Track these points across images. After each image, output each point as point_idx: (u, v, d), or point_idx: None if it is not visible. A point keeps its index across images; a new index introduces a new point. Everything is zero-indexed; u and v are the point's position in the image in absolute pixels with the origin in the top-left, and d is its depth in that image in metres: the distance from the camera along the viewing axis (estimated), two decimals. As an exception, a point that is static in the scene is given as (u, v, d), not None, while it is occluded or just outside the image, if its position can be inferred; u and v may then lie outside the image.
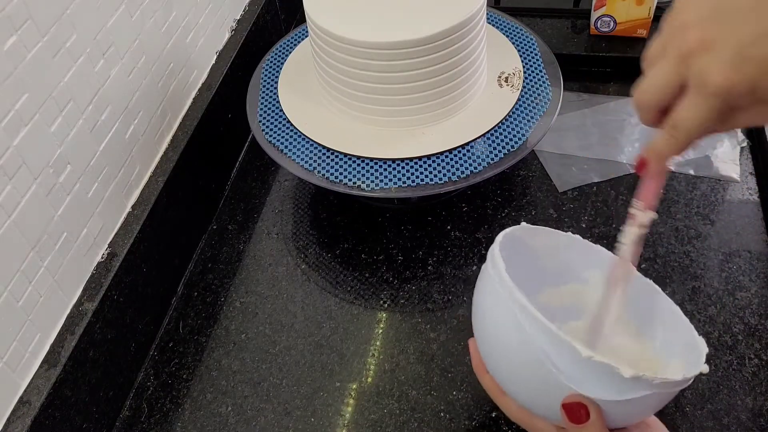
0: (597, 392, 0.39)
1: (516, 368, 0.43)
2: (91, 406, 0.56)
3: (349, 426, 0.57)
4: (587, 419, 0.40)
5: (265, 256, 0.71)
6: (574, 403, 0.40)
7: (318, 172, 0.64)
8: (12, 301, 0.49)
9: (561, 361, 0.39)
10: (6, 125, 0.47)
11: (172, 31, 0.69)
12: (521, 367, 0.42)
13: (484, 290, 0.45)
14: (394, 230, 0.71)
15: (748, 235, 0.67)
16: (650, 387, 0.39)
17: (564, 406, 0.40)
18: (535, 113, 0.67)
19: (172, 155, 0.68)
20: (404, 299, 0.65)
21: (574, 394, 0.40)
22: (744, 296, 0.62)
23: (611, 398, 0.39)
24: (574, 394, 0.40)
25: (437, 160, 0.64)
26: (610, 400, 0.39)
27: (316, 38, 0.64)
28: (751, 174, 0.72)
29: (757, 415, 0.55)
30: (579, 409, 0.40)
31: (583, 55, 0.85)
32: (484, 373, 0.48)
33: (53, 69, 0.52)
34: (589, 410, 0.40)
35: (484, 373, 0.48)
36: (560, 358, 0.39)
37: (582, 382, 0.39)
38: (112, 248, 0.60)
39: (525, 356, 0.41)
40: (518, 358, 0.42)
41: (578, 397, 0.40)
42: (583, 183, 0.73)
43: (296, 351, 0.62)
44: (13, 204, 0.48)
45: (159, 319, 0.66)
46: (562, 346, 0.39)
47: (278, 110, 0.70)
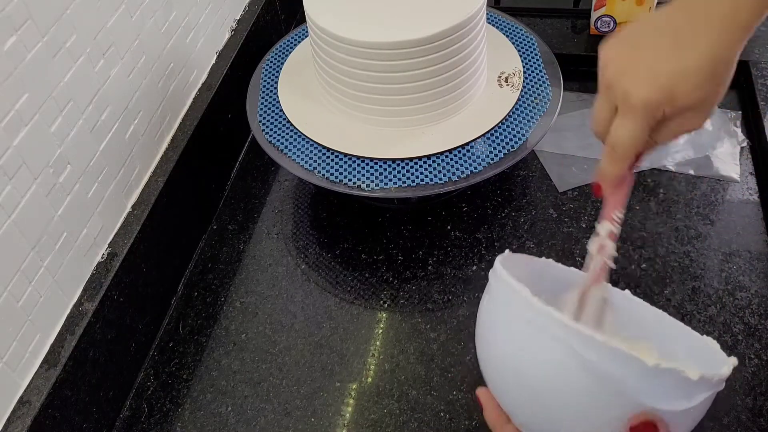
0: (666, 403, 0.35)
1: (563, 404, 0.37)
2: (91, 406, 0.56)
3: (349, 426, 0.57)
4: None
5: (265, 256, 0.71)
6: (643, 422, 0.36)
7: (318, 172, 0.64)
8: (12, 301, 0.49)
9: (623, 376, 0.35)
10: (6, 125, 0.47)
11: (172, 31, 0.69)
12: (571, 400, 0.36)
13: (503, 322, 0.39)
14: (394, 230, 0.71)
15: (748, 235, 0.67)
16: (711, 386, 0.36)
17: (632, 429, 0.36)
18: (535, 113, 0.67)
19: (172, 155, 0.68)
20: (404, 299, 0.65)
21: (641, 413, 0.36)
22: (744, 296, 0.62)
23: (682, 407, 0.36)
24: (641, 413, 0.36)
25: (437, 160, 0.64)
26: (679, 410, 0.36)
27: (316, 38, 0.64)
28: (751, 174, 0.72)
29: (757, 415, 0.55)
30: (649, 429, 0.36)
31: (583, 55, 0.85)
32: (506, 422, 0.42)
33: (53, 69, 0.52)
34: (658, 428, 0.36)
35: (506, 423, 0.41)
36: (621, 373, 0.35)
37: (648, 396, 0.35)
38: (112, 248, 0.60)
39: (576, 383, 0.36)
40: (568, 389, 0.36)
41: (646, 415, 0.36)
42: (583, 183, 0.73)
43: (296, 351, 0.62)
44: (13, 204, 0.48)
45: (159, 319, 0.66)
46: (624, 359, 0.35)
47: (278, 110, 0.70)
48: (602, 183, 0.44)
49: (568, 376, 0.36)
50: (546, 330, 0.36)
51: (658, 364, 0.34)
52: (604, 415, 0.36)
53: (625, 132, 0.41)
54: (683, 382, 0.35)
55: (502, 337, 0.39)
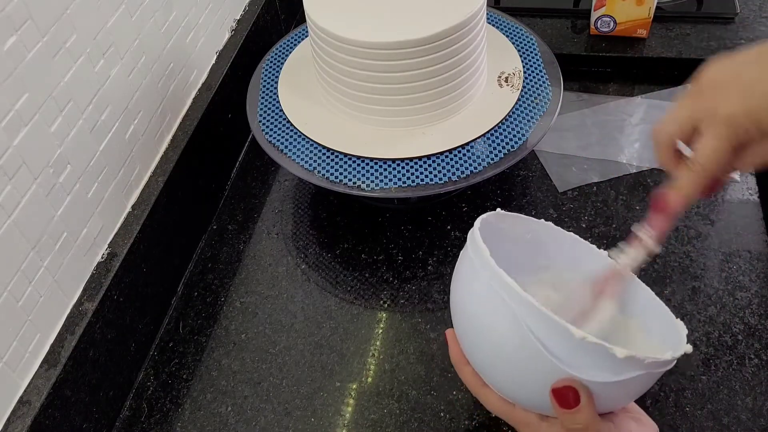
0: (589, 374, 0.39)
1: (502, 355, 0.42)
2: (91, 406, 0.56)
3: (349, 426, 0.57)
4: (577, 404, 0.40)
5: (265, 256, 0.71)
6: (563, 387, 0.40)
7: (318, 172, 0.64)
8: (12, 301, 0.49)
9: (552, 343, 0.39)
10: (6, 125, 0.47)
11: (172, 31, 0.69)
12: (508, 353, 0.41)
13: (467, 276, 0.44)
14: (394, 230, 0.71)
15: (748, 235, 0.67)
16: (642, 367, 0.39)
17: (554, 391, 0.40)
18: (535, 113, 0.67)
19: (172, 155, 0.68)
20: (404, 299, 0.65)
21: (564, 379, 0.40)
22: (744, 296, 0.62)
23: (604, 380, 0.39)
24: (564, 379, 0.40)
25: (437, 160, 0.64)
26: (602, 382, 0.39)
27: (316, 38, 0.64)
28: (751, 174, 0.72)
29: (757, 415, 0.55)
30: (569, 394, 0.40)
31: (583, 55, 0.85)
32: (465, 364, 0.47)
33: (53, 69, 0.52)
34: (579, 394, 0.39)
35: (465, 365, 0.47)
36: (551, 340, 0.39)
37: (573, 365, 0.39)
38: (112, 248, 0.60)
39: (513, 341, 0.40)
40: (505, 343, 0.41)
41: (568, 381, 0.40)
42: (583, 183, 0.73)
43: (296, 351, 0.62)
44: (13, 204, 0.48)
45: (159, 319, 0.66)
46: (554, 328, 0.39)
47: (278, 110, 0.70)
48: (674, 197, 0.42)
49: (508, 335, 0.40)
50: (496, 290, 0.41)
51: (584, 337, 0.38)
52: (535, 375, 0.41)
53: (710, 145, 0.39)
54: (609, 358, 0.38)
55: (464, 289, 0.44)
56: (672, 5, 0.89)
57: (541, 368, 0.40)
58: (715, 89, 0.39)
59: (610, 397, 0.41)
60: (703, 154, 0.40)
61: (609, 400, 0.41)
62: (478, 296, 0.43)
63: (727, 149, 0.39)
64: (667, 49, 0.84)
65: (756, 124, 0.38)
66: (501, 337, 0.41)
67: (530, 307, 0.39)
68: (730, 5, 0.87)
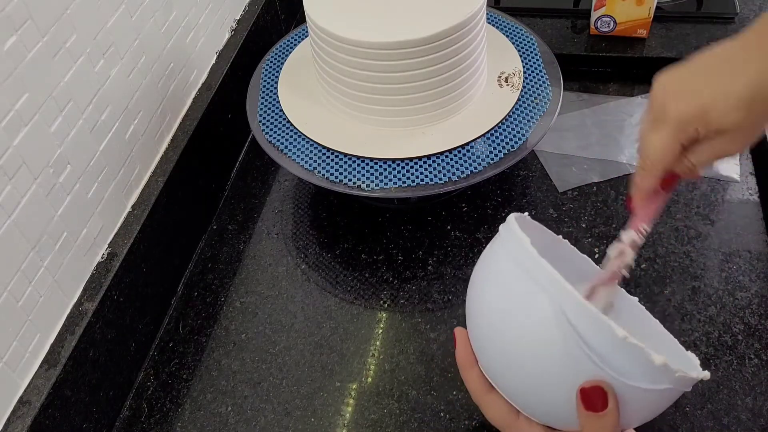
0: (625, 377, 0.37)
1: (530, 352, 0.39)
2: (91, 406, 0.56)
3: (349, 426, 0.57)
4: (604, 408, 0.38)
5: (265, 256, 0.71)
6: (592, 387, 0.38)
7: (318, 172, 0.64)
8: (12, 301, 0.49)
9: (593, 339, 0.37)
10: (6, 125, 0.47)
11: (172, 31, 0.69)
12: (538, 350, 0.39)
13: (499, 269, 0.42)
14: (394, 230, 0.71)
15: (748, 235, 0.67)
16: (672, 380, 0.38)
17: (582, 391, 0.38)
18: (535, 113, 0.67)
19: (172, 155, 0.68)
20: (404, 299, 0.65)
21: (594, 380, 0.38)
22: (744, 296, 0.62)
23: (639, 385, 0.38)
24: (593, 380, 0.38)
25: (437, 160, 0.64)
26: (636, 387, 0.38)
27: (316, 38, 0.64)
28: (751, 174, 0.72)
29: (757, 415, 0.55)
30: (598, 395, 0.38)
31: (583, 55, 0.85)
32: (472, 366, 0.45)
33: (53, 69, 0.52)
34: (608, 397, 0.38)
35: (472, 367, 0.45)
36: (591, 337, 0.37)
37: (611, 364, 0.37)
38: (112, 248, 0.60)
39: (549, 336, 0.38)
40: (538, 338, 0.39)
41: (598, 382, 0.38)
42: (583, 183, 0.73)
43: (296, 351, 0.62)
44: (13, 204, 0.48)
45: (159, 319, 0.66)
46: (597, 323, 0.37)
47: (278, 110, 0.70)
48: (633, 195, 0.45)
49: (545, 328, 0.38)
50: (538, 281, 0.39)
51: (626, 336, 0.37)
52: (563, 375, 0.39)
53: (654, 143, 0.42)
54: (645, 362, 0.37)
55: (495, 281, 0.42)
56: (672, 5, 0.89)
57: (574, 367, 0.38)
58: (666, 95, 0.42)
59: (635, 407, 0.39)
60: (651, 149, 0.42)
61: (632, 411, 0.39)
62: (509, 289, 0.41)
63: (674, 146, 0.41)
64: (667, 49, 0.84)
65: (703, 122, 0.40)
66: (534, 331, 0.39)
67: (574, 300, 0.37)
68: (730, 5, 0.87)
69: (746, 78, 0.38)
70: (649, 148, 0.43)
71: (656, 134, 0.42)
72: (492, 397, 0.44)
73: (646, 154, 0.43)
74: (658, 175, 0.43)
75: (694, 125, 0.40)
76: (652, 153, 0.43)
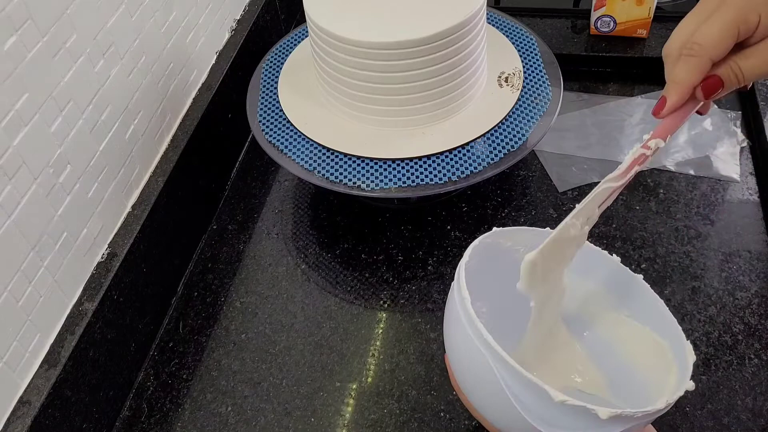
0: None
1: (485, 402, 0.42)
2: (91, 406, 0.56)
3: (349, 426, 0.57)
4: None
5: (265, 256, 0.71)
6: None
7: (318, 172, 0.64)
8: (12, 301, 0.49)
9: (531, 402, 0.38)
10: (6, 125, 0.47)
11: (172, 31, 0.69)
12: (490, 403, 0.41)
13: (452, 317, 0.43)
14: (394, 230, 0.71)
15: (748, 235, 0.67)
16: (630, 421, 0.37)
17: None
18: (535, 113, 0.67)
19: (172, 155, 0.68)
20: (404, 299, 0.65)
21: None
22: (744, 296, 0.62)
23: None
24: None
25: (437, 160, 0.64)
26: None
27: (316, 38, 0.64)
28: (751, 174, 0.72)
29: (757, 415, 0.55)
30: None
31: (583, 55, 0.85)
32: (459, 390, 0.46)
33: (53, 69, 0.52)
34: None
35: (459, 391, 0.47)
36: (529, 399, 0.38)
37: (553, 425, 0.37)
38: (112, 248, 0.60)
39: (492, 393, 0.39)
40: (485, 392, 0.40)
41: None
42: (583, 183, 0.73)
43: (296, 351, 0.62)
44: (13, 204, 0.48)
45: (159, 319, 0.66)
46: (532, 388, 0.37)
47: (278, 110, 0.70)
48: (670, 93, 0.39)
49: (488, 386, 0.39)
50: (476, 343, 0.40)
51: (564, 400, 0.36)
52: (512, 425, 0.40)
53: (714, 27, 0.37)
54: (592, 418, 0.36)
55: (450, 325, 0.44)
56: (672, 5, 0.89)
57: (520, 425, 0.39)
58: None
59: None
60: (703, 32, 0.37)
61: None
62: (460, 343, 0.42)
63: (731, 31, 0.37)
64: (667, 49, 0.84)
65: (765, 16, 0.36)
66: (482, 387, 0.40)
67: (507, 365, 0.38)
68: (730, 5, 0.87)
69: None
70: (703, 33, 0.37)
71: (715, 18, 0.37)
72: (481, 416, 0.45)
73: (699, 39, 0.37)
74: (706, 65, 0.38)
75: (757, 13, 0.36)
76: (704, 38, 0.37)
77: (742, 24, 0.36)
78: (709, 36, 0.37)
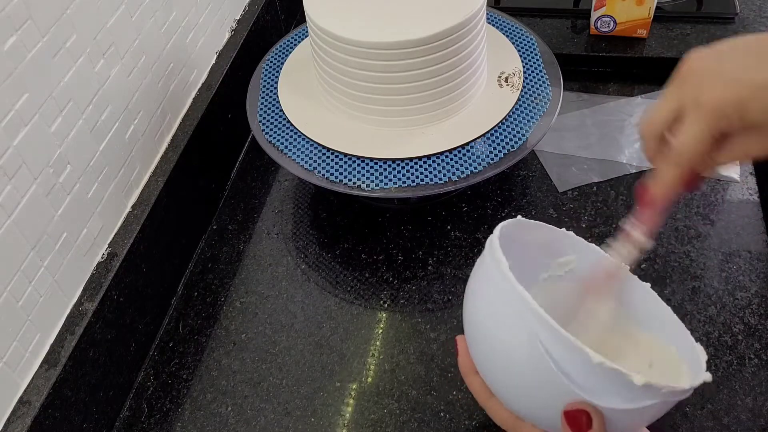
0: (603, 400, 0.38)
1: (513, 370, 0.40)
2: (91, 406, 0.56)
3: (349, 426, 0.57)
4: (589, 429, 0.38)
5: (265, 256, 0.71)
6: (576, 410, 0.38)
7: (318, 172, 0.64)
8: (12, 301, 0.49)
9: (567, 365, 0.38)
10: (6, 125, 0.47)
11: (172, 31, 0.69)
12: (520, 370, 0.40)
13: (483, 285, 0.43)
14: (394, 230, 0.71)
15: (748, 235, 0.67)
16: (658, 396, 0.38)
17: (566, 413, 0.38)
18: (535, 113, 0.67)
19: (172, 155, 0.68)
20: (404, 299, 0.65)
21: (578, 401, 0.38)
22: (744, 296, 0.62)
23: (618, 407, 0.38)
24: (577, 402, 0.38)
25: (437, 160, 0.64)
26: (616, 409, 0.38)
27: (316, 38, 0.64)
28: (751, 174, 0.72)
29: (757, 415, 0.55)
30: (581, 417, 0.38)
31: (583, 55, 0.85)
32: (473, 373, 0.45)
33: (53, 69, 0.52)
34: (592, 419, 0.38)
35: (473, 374, 0.45)
36: (567, 362, 0.37)
37: (588, 389, 0.38)
38: (112, 248, 0.60)
39: (526, 358, 0.39)
40: (518, 359, 0.40)
41: (582, 404, 0.38)
42: (583, 183, 0.73)
43: (296, 351, 0.62)
44: (13, 204, 0.48)
45: (159, 319, 0.66)
46: (572, 350, 0.37)
47: (278, 110, 0.70)
48: (654, 189, 0.42)
49: (522, 351, 0.39)
50: (512, 305, 0.39)
51: (602, 362, 0.36)
52: (546, 395, 0.39)
53: (691, 134, 0.38)
54: (626, 384, 0.37)
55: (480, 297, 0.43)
56: (672, 5, 0.89)
57: (554, 389, 0.38)
58: (698, 77, 0.38)
59: (623, 424, 0.39)
60: (682, 141, 0.39)
61: (622, 425, 0.39)
62: (493, 308, 0.41)
63: (707, 138, 0.38)
64: (667, 49, 0.84)
65: (740, 114, 0.37)
66: (514, 352, 0.40)
67: (547, 325, 0.37)
68: (730, 5, 0.87)
69: None
70: (682, 138, 0.39)
71: (690, 123, 0.38)
72: (495, 401, 0.44)
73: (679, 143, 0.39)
74: (686, 167, 0.40)
75: (730, 116, 0.37)
76: (683, 146, 0.39)
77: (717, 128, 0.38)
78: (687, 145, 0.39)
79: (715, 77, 0.37)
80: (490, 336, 0.42)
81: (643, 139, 0.42)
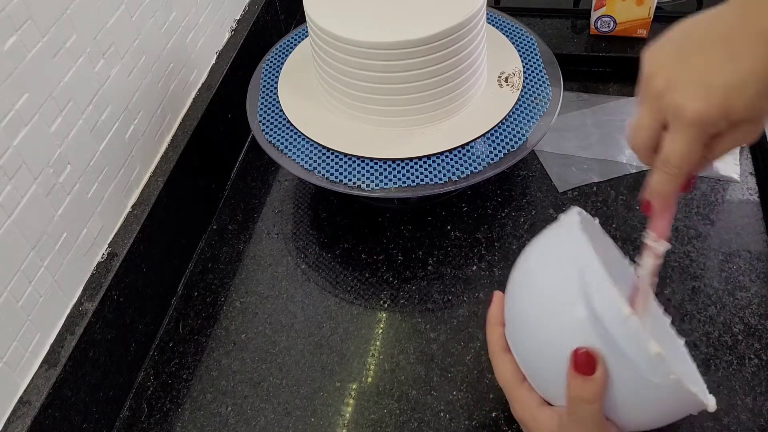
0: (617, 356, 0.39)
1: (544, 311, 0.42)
2: (91, 406, 0.56)
3: (349, 426, 0.57)
4: (591, 374, 0.39)
5: (265, 256, 0.71)
6: (586, 352, 0.39)
7: (318, 172, 0.64)
8: (12, 301, 0.49)
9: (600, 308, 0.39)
10: (6, 125, 0.47)
11: (172, 31, 0.69)
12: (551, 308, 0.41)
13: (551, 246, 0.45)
14: (394, 230, 0.71)
15: (748, 235, 0.67)
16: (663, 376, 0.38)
17: (575, 352, 0.40)
18: (535, 113, 0.67)
19: (172, 155, 0.68)
20: (404, 299, 0.65)
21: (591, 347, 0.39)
22: (744, 296, 0.62)
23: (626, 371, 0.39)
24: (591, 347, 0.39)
25: (437, 160, 0.64)
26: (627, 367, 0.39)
27: (316, 38, 0.64)
28: (751, 174, 0.72)
29: (757, 415, 0.55)
30: (589, 360, 0.39)
31: (583, 55, 0.85)
32: (498, 325, 0.47)
33: (53, 69, 0.52)
34: (597, 365, 0.39)
35: (498, 326, 0.47)
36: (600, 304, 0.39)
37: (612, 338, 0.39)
38: (112, 248, 0.60)
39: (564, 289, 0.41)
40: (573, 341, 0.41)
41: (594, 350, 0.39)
42: (583, 183, 0.73)
43: (296, 351, 0.62)
44: (13, 204, 0.48)
45: (159, 319, 0.66)
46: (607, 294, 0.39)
47: (278, 110, 0.70)
48: (654, 200, 0.43)
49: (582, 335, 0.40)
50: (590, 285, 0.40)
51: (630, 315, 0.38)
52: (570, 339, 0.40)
53: (680, 146, 0.38)
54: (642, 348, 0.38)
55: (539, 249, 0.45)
56: (672, 5, 0.89)
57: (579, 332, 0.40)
58: (669, 82, 0.38)
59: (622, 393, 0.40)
60: (676, 156, 0.39)
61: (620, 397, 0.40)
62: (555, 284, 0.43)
63: (699, 147, 0.38)
64: (667, 49, 0.84)
65: (727, 117, 0.36)
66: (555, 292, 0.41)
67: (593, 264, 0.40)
68: (730, 5, 0.87)
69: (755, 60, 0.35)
70: (671, 152, 0.39)
71: (678, 137, 0.38)
72: (506, 357, 0.46)
73: (669, 157, 0.39)
74: (683, 178, 0.40)
75: (717, 123, 0.37)
76: (676, 157, 0.39)
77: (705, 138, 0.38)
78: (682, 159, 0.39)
79: (687, 83, 0.37)
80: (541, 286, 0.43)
81: (636, 152, 0.43)
